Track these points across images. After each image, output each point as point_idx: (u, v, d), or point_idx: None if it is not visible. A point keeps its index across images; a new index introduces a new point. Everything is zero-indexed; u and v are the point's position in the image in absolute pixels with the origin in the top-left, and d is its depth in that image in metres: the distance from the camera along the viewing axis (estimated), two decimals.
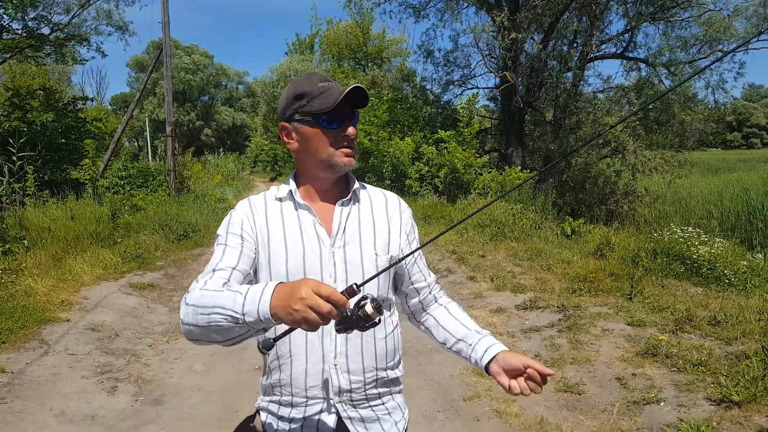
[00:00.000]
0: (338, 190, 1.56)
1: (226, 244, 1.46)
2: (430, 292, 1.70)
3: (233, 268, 1.40)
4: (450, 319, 1.66)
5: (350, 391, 1.51)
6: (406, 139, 14.99)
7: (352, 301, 1.17)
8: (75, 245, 8.76)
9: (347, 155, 1.47)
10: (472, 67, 16.59)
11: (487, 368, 1.51)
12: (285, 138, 1.52)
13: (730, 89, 14.69)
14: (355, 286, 1.16)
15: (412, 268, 1.65)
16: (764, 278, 6.56)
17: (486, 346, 1.54)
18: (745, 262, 6.90)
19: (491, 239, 9.77)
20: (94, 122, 18.64)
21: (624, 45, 14.86)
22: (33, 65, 18.35)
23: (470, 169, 13.86)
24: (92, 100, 22.67)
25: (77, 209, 10.80)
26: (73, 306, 6.09)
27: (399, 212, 1.62)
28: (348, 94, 1.41)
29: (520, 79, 14.88)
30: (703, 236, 7.71)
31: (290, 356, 1.48)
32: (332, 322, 1.16)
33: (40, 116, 15.25)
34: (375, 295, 1.46)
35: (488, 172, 13.88)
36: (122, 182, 14.81)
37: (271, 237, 1.47)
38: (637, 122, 14.41)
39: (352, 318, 1.18)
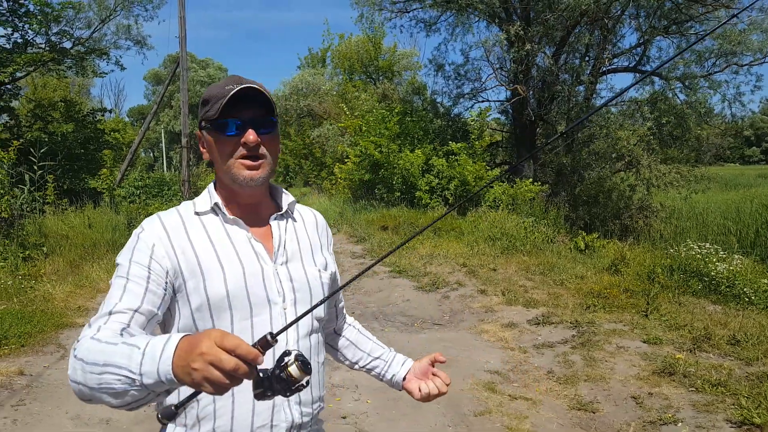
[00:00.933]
0: (266, 204, 1.40)
1: (127, 278, 1.18)
2: (344, 313, 1.66)
3: (135, 311, 1.15)
4: (362, 338, 1.64)
5: (300, 426, 1.32)
6: (416, 151, 14.97)
7: (269, 356, 0.98)
8: (92, 252, 8.91)
9: (248, 167, 1.26)
10: (483, 80, 16.55)
11: (402, 380, 1.55)
12: (201, 148, 1.36)
13: (748, 103, 14.51)
14: (269, 337, 0.94)
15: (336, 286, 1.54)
16: None
17: (401, 361, 1.57)
18: (766, 280, 6.73)
19: (502, 252, 9.65)
20: (112, 133, 18.94)
21: (637, 58, 14.77)
22: (54, 78, 18.69)
23: (481, 182, 13.78)
24: (110, 111, 22.99)
25: (95, 217, 10.97)
26: (90, 312, 6.15)
27: (326, 231, 1.55)
28: (240, 96, 1.22)
29: (531, 92, 14.82)
30: (722, 253, 7.55)
31: (232, 395, 1.22)
32: (249, 387, 0.97)
33: (61, 127, 15.55)
34: (320, 316, 1.38)
35: (499, 185, 13.79)
36: (138, 192, 14.96)
37: (201, 258, 1.23)
38: (652, 136, 14.26)
39: (272, 380, 0.97)
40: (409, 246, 9.99)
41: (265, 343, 0.94)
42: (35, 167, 12.46)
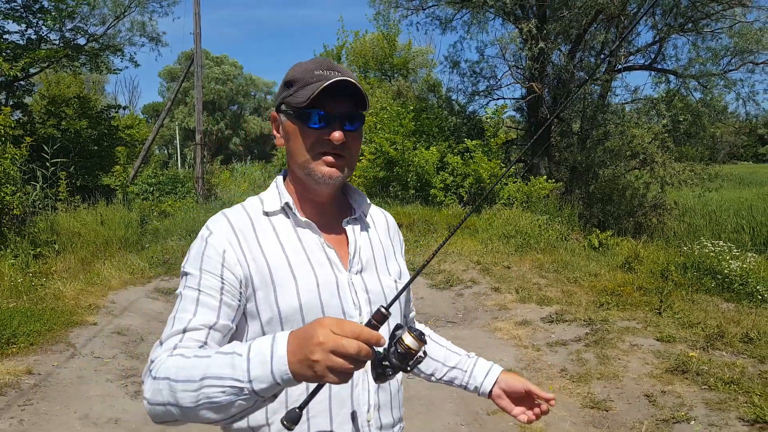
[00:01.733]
0: (339, 204, 1.31)
1: (199, 290, 1.09)
2: (414, 322, 1.53)
3: (210, 327, 1.07)
4: (435, 347, 1.47)
5: None
6: (431, 148, 14.98)
7: (384, 334, 0.95)
8: (104, 250, 8.95)
9: (328, 164, 1.16)
10: (498, 77, 16.54)
11: (489, 392, 1.41)
12: (274, 131, 1.27)
13: (762, 101, 14.38)
14: (383, 309, 0.92)
15: (409, 293, 1.44)
16: None
17: (484, 370, 1.42)
18: None
19: (516, 250, 9.65)
20: (126, 130, 19.09)
21: (652, 56, 14.66)
22: (69, 74, 18.88)
23: (495, 179, 13.75)
24: (125, 108, 23.20)
25: (107, 215, 11.02)
26: (101, 310, 6.20)
27: (398, 236, 1.44)
28: (332, 87, 1.11)
29: (546, 89, 14.77)
30: (735, 251, 7.51)
31: (307, 420, 1.13)
32: (368, 372, 0.94)
33: (74, 123, 15.69)
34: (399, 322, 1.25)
35: (513, 182, 13.77)
36: (151, 189, 15.09)
37: (273, 267, 1.13)
38: (666, 134, 14.16)
39: (389, 356, 0.95)
40: (423, 244, 10.04)
41: (381, 318, 0.92)
42: (48, 164, 12.62)
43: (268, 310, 1.12)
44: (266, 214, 1.21)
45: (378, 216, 1.39)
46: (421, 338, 0.96)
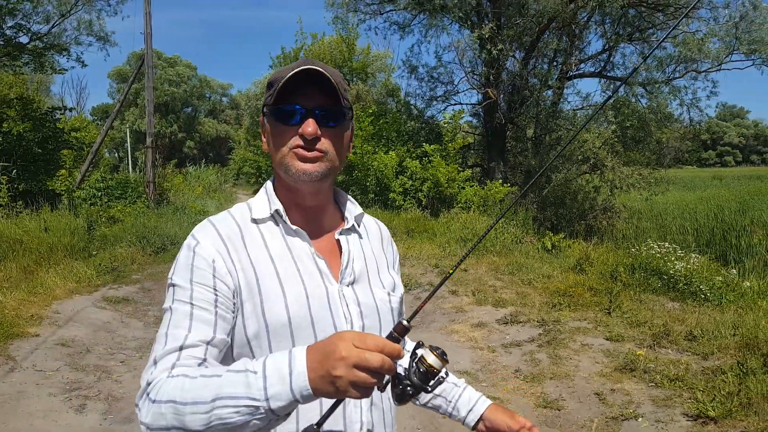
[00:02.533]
0: (330, 212, 1.23)
1: (192, 303, 1.02)
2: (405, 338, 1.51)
3: (208, 343, 1.01)
4: None
5: None
6: (390, 153, 15.03)
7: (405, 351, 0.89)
8: (48, 258, 8.58)
9: (301, 158, 1.09)
10: (455, 83, 16.77)
11: (473, 427, 1.34)
12: (262, 137, 1.21)
13: (705, 108, 15.05)
14: (405, 323, 0.90)
15: (402, 306, 1.36)
16: (738, 293, 6.65)
17: (469, 404, 1.33)
18: (720, 278, 6.99)
19: (473, 253, 9.78)
20: (72, 132, 18.40)
21: (602, 64, 15.14)
22: (10, 74, 18.10)
23: (453, 183, 13.92)
24: (71, 110, 22.41)
25: (52, 221, 10.59)
26: (44, 320, 5.94)
27: (391, 247, 1.37)
28: (305, 82, 1.07)
29: (501, 95, 15.05)
30: (680, 252, 7.80)
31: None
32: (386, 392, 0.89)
33: (17, 126, 15.01)
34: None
35: (471, 186, 13.96)
36: (100, 193, 14.59)
37: (261, 277, 1.07)
38: (616, 139, 14.65)
39: (411, 377, 0.92)
40: None
41: (403, 330, 0.90)
42: None
43: (255, 323, 1.05)
44: (255, 221, 1.15)
45: (372, 226, 1.33)
46: (443, 357, 0.93)
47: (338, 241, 1.19)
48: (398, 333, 0.90)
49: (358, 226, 1.26)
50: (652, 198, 15.37)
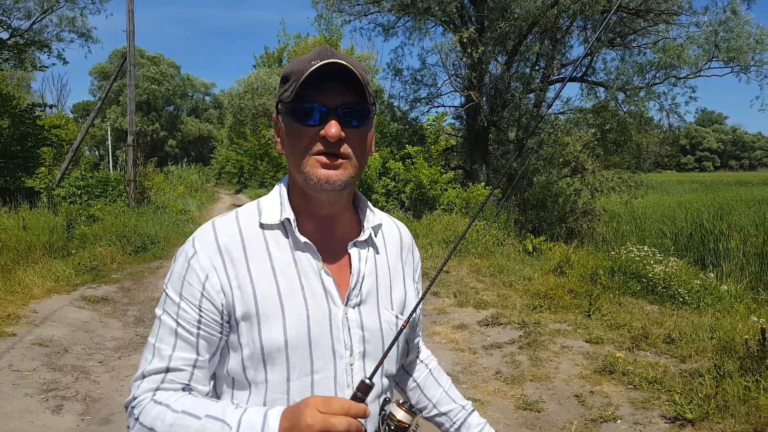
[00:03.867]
0: (347, 219, 1.13)
1: (177, 321, 1.01)
2: (418, 348, 1.39)
3: (193, 365, 1.01)
4: (431, 382, 1.36)
5: None
6: (373, 154, 15.04)
7: (371, 406, 0.90)
8: (26, 256, 8.45)
9: (324, 165, 0.99)
10: (439, 86, 16.84)
11: None
12: (276, 136, 1.11)
13: (684, 113, 15.31)
14: (367, 381, 0.90)
15: (417, 321, 1.33)
16: (716, 297, 6.76)
17: (473, 429, 1.29)
18: (698, 281, 7.11)
19: (455, 255, 9.82)
20: (52, 130, 18.13)
21: (584, 69, 15.32)
22: None
23: (436, 185, 13.98)
24: (52, 107, 22.09)
25: (30, 219, 10.44)
26: (21, 320, 5.84)
27: (411, 254, 1.26)
28: (326, 77, 0.97)
29: (484, 98, 15.16)
30: (658, 255, 7.91)
31: None
32: None
33: None
34: (391, 371, 1.14)
35: (453, 188, 14.03)
36: (80, 192, 14.40)
37: (260, 297, 1.01)
38: (596, 143, 14.83)
39: None
40: None
41: (365, 389, 0.89)
42: None
43: (250, 343, 1.01)
44: (262, 226, 1.06)
45: (391, 233, 1.22)
46: (411, 410, 0.93)
47: (350, 254, 1.10)
48: (362, 392, 0.90)
49: (375, 236, 1.15)
50: (632, 202, 15.58)
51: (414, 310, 1.06)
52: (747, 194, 24.28)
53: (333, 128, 0.96)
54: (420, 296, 1.01)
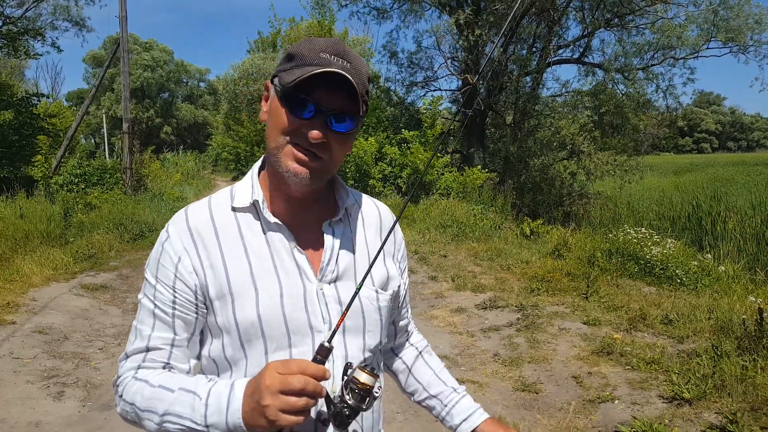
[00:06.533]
0: (321, 201, 1.14)
1: (154, 302, 1.05)
2: (406, 330, 1.38)
3: (171, 344, 1.05)
4: (422, 366, 1.35)
5: None
6: (369, 139, 14.98)
7: (339, 365, 0.93)
8: (24, 245, 8.46)
9: (298, 160, 1.00)
10: (435, 69, 16.74)
11: None
12: (263, 101, 1.10)
13: (681, 95, 15.25)
14: (326, 344, 0.92)
15: (403, 302, 1.31)
16: (714, 278, 6.79)
17: (464, 413, 1.26)
18: (695, 263, 7.12)
19: (453, 239, 9.83)
20: (48, 118, 18.03)
21: (581, 50, 15.23)
22: None
23: (432, 170, 13.96)
24: (48, 97, 21.95)
25: (27, 207, 10.43)
26: (20, 308, 5.85)
27: (393, 234, 1.23)
28: (328, 77, 0.96)
29: (481, 82, 15.07)
30: (656, 237, 7.93)
31: None
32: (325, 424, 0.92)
33: None
34: (373, 345, 1.13)
35: (450, 172, 14.00)
36: (77, 180, 14.36)
37: (231, 275, 1.03)
38: (593, 125, 14.78)
39: (346, 401, 0.92)
40: None
41: (325, 352, 0.91)
42: None
43: (225, 322, 1.03)
44: (234, 209, 1.08)
45: (370, 213, 1.22)
46: (374, 372, 0.94)
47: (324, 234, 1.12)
48: (321, 355, 0.91)
49: (351, 216, 1.17)
50: (630, 184, 15.58)
51: (368, 272, 1.05)
52: (744, 175, 24.30)
53: (316, 132, 0.98)
54: (348, 303, 1.01)
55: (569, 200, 14.95)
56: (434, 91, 17.07)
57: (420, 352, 1.37)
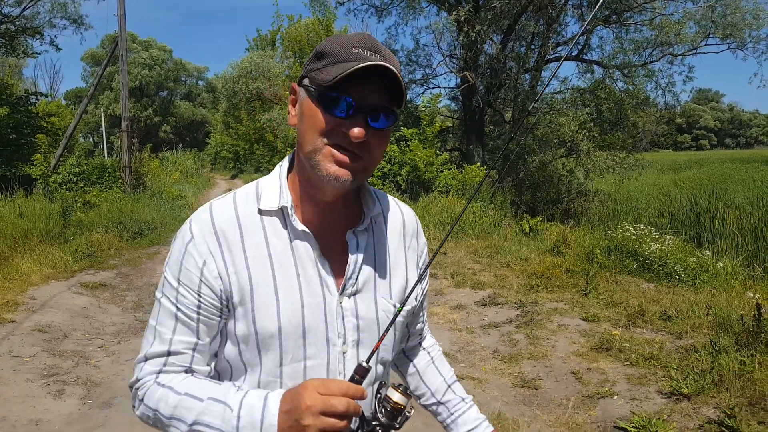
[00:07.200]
0: (347, 208, 1.10)
1: (177, 305, 1.01)
2: (420, 334, 1.36)
3: (193, 349, 1.02)
4: (432, 371, 1.34)
5: None
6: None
7: (364, 385, 0.93)
8: (23, 243, 8.47)
9: (339, 162, 0.96)
10: (434, 66, 16.72)
11: None
12: (290, 106, 1.06)
13: (680, 92, 15.25)
14: (364, 364, 0.92)
15: (419, 307, 1.28)
16: (712, 274, 6.80)
17: (469, 424, 1.26)
18: (694, 259, 7.13)
19: (452, 237, 9.84)
20: (47, 117, 18.03)
21: (579, 47, 15.21)
22: None
23: (431, 168, 13.95)
24: (47, 96, 21.91)
25: (26, 206, 10.44)
26: (20, 306, 5.86)
27: (416, 240, 1.22)
28: (366, 73, 0.92)
29: (480, 79, 15.07)
30: (655, 233, 7.94)
31: None
32: None
33: None
34: (386, 359, 1.13)
35: (449, 170, 14.00)
36: (76, 179, 14.35)
37: (255, 284, 1.01)
38: (592, 123, 14.78)
39: (378, 418, 0.93)
40: None
41: (363, 372, 0.92)
42: None
43: (245, 327, 1.02)
44: (261, 212, 1.04)
45: (394, 219, 1.18)
46: (407, 393, 0.95)
47: (348, 244, 1.09)
48: (359, 375, 0.92)
49: (375, 224, 1.14)
50: (628, 181, 15.60)
51: (409, 294, 1.06)
52: (742, 172, 24.31)
53: (357, 129, 0.94)
54: (415, 282, 1.01)
55: (568, 197, 14.97)
56: (433, 88, 17.04)
57: (432, 359, 1.36)
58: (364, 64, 0.91)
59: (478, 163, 13.76)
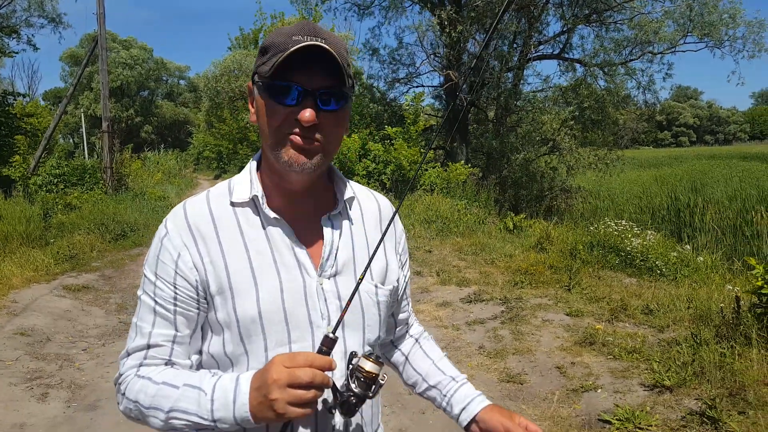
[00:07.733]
0: (319, 195, 1.12)
1: (155, 299, 1.03)
2: (406, 323, 1.36)
3: (172, 341, 1.04)
4: (421, 357, 1.32)
5: None
6: (353, 136, 14.98)
7: (338, 359, 0.93)
8: (3, 246, 8.37)
9: (295, 147, 0.98)
10: (417, 65, 16.78)
11: (466, 427, 1.22)
12: (249, 105, 1.08)
13: (659, 90, 15.47)
14: (330, 335, 0.93)
15: (403, 295, 1.28)
16: (693, 268, 6.91)
17: (463, 402, 1.22)
18: (675, 253, 7.25)
19: (437, 234, 9.89)
20: (26, 118, 17.75)
21: (561, 46, 15.36)
22: None
23: (416, 166, 13.99)
24: (25, 96, 21.54)
25: (6, 208, 10.28)
26: (1, 310, 5.78)
27: (394, 226, 1.22)
28: (308, 57, 0.95)
29: (463, 78, 15.15)
30: (636, 229, 8.05)
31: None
32: (333, 414, 0.94)
33: None
34: (372, 339, 1.13)
35: (433, 168, 14.06)
36: (56, 180, 14.15)
37: (231, 270, 1.02)
38: (573, 120, 14.94)
39: (352, 389, 0.93)
40: None
41: (330, 343, 0.93)
42: None
43: (225, 317, 1.02)
44: (233, 204, 1.07)
45: (368, 205, 1.20)
46: (378, 361, 0.95)
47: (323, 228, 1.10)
48: (326, 346, 0.93)
49: (350, 209, 1.15)
50: (610, 177, 15.79)
51: (368, 266, 1.06)
52: (721, 168, 24.71)
53: (308, 113, 0.95)
54: (350, 297, 1.02)
55: (551, 194, 15.12)
56: (417, 87, 17.10)
57: (418, 342, 1.34)
58: (295, 47, 0.92)
59: (462, 161, 13.83)
